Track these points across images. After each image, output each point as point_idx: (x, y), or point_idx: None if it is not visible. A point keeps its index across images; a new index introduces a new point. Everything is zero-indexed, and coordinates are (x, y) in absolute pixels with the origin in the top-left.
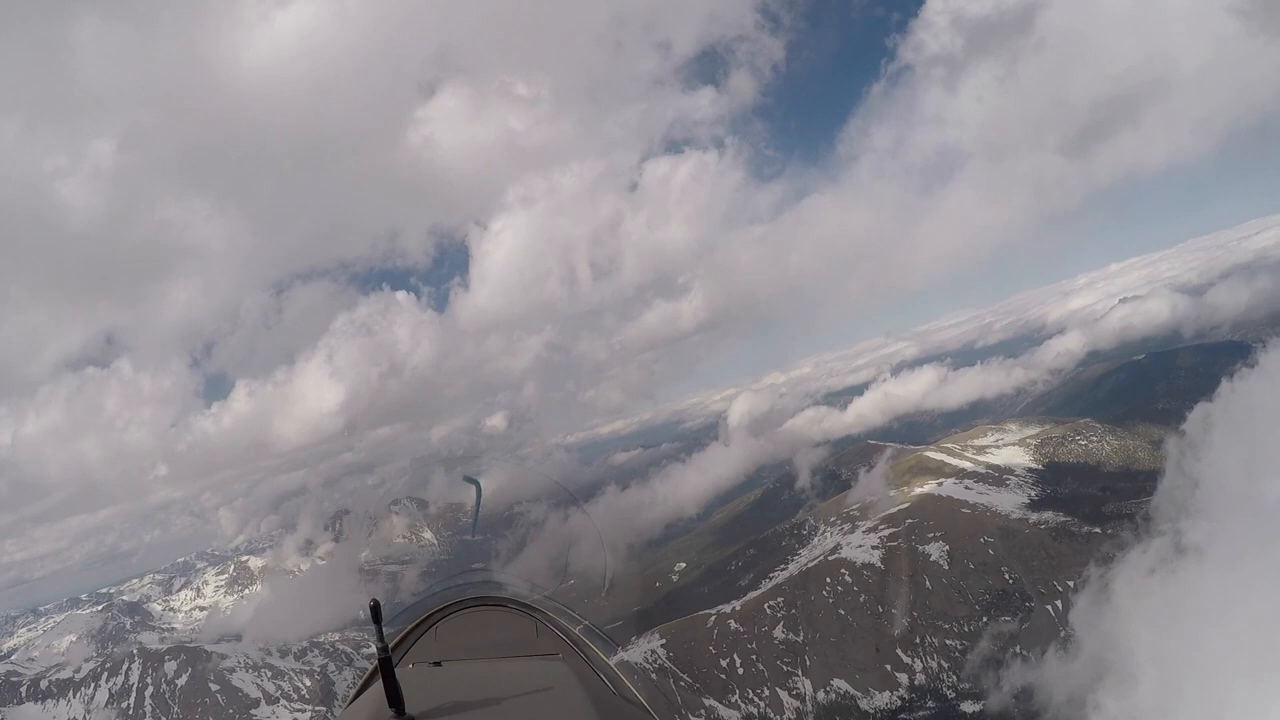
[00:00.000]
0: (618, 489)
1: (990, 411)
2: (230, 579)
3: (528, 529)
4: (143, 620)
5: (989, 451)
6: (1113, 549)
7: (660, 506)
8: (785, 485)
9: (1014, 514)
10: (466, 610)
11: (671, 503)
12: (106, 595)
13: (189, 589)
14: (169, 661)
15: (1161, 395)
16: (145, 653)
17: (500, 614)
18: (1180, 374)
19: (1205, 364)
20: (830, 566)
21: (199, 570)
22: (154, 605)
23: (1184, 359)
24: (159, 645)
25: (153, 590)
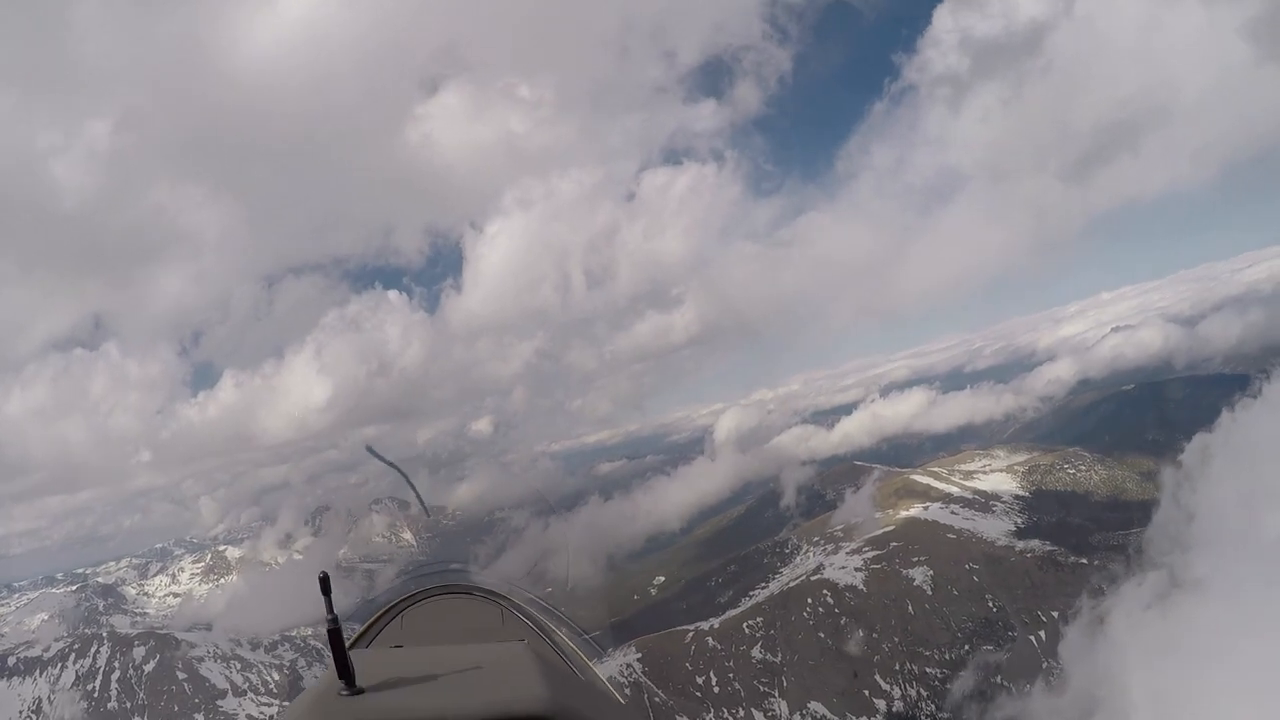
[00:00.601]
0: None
1: (978, 436)
2: (207, 567)
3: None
4: (116, 603)
5: (976, 477)
6: (1102, 580)
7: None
8: (769, 503)
9: (1000, 541)
10: (432, 598)
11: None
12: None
13: (164, 575)
14: (138, 647)
15: (1151, 426)
16: (115, 636)
17: (466, 601)
18: (1171, 405)
19: (1196, 396)
20: (812, 587)
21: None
22: (128, 589)
23: (1174, 390)
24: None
25: (128, 574)
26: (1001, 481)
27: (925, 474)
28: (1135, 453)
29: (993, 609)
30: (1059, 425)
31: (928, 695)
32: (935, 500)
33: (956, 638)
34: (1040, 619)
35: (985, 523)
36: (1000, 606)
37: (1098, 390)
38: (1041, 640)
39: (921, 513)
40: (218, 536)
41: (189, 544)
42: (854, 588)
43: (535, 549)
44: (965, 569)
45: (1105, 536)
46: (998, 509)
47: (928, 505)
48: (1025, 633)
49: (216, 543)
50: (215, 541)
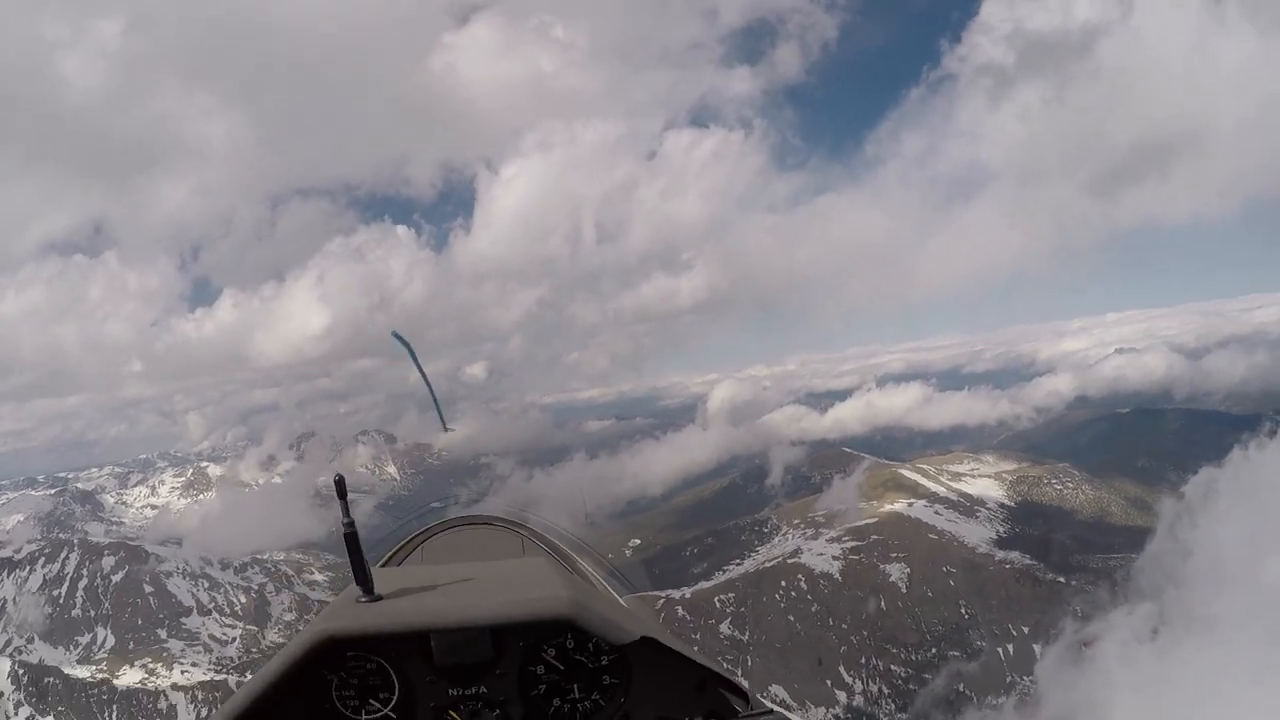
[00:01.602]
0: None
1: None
2: (187, 482)
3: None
4: (93, 510)
5: (964, 479)
6: (1080, 603)
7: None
8: (754, 479)
9: (980, 548)
10: (452, 529)
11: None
12: (62, 480)
13: (144, 486)
14: (107, 556)
15: (1143, 453)
16: (85, 544)
17: (487, 531)
18: (1166, 435)
19: (1191, 429)
20: (787, 570)
21: (159, 469)
22: (107, 497)
23: (1171, 421)
24: (103, 538)
25: (109, 482)
26: (988, 487)
27: (913, 469)
28: (1123, 477)
29: (965, 615)
30: (1050, 438)
31: (889, 693)
32: (921, 497)
33: (925, 639)
34: (1011, 632)
35: (967, 527)
36: (973, 614)
37: (1094, 409)
38: (1009, 654)
39: (905, 508)
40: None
41: (173, 457)
42: (829, 575)
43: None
44: (942, 571)
45: (1085, 558)
46: (981, 515)
47: (912, 502)
48: (994, 644)
49: (200, 458)
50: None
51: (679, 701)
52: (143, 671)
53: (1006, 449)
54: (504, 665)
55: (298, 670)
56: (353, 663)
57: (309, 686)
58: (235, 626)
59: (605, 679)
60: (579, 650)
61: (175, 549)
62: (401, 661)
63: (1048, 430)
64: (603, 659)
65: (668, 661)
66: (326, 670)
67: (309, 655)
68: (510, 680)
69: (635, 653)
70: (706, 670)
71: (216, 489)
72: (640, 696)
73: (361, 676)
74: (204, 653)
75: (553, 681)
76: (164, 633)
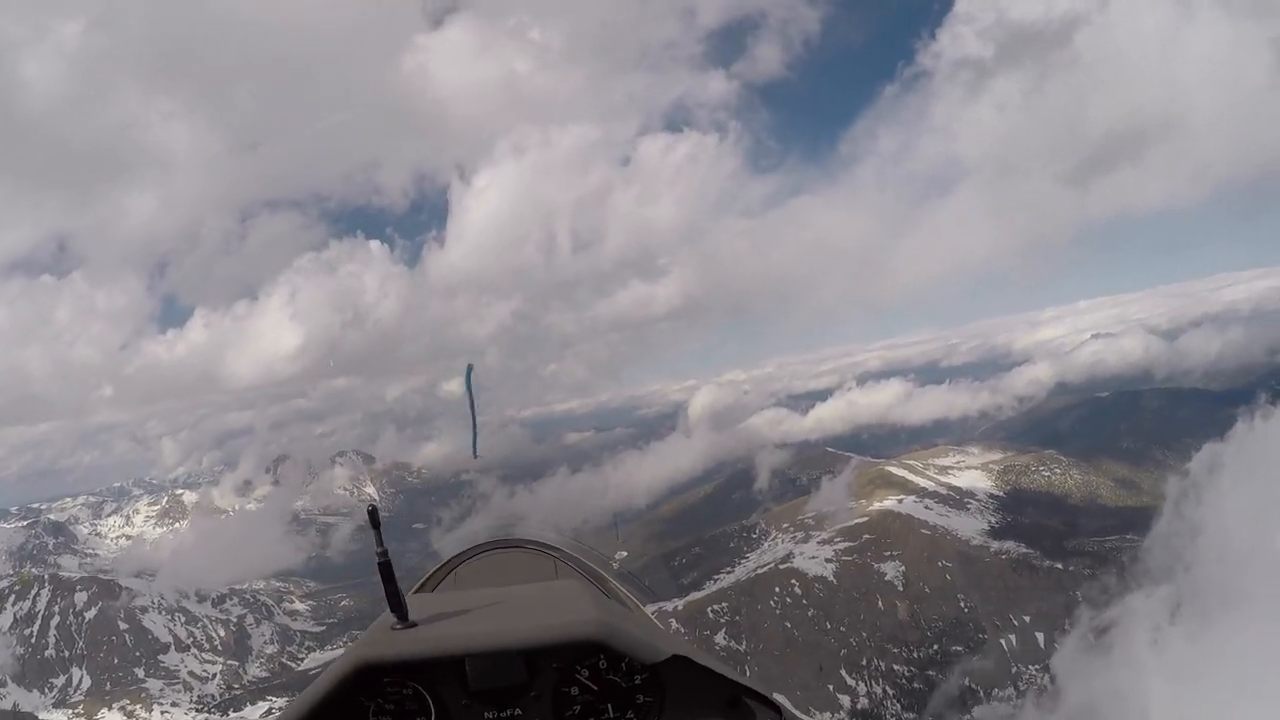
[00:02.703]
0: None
1: (951, 432)
2: (162, 511)
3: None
4: (66, 542)
5: (951, 472)
6: (1093, 590)
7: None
8: (739, 484)
9: (974, 540)
10: (484, 554)
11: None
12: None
13: (119, 515)
14: (80, 592)
15: (1126, 434)
16: (57, 580)
17: (519, 555)
18: (1146, 415)
19: (1171, 408)
20: (780, 575)
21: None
22: (81, 528)
23: (1149, 401)
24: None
25: (82, 513)
26: (976, 479)
27: (900, 466)
28: (1110, 459)
29: (964, 609)
30: (1032, 426)
31: (894, 694)
32: (910, 494)
33: (926, 636)
34: (1013, 623)
35: (959, 520)
36: (972, 607)
37: (1074, 395)
38: (1013, 645)
39: (896, 505)
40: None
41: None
42: (824, 579)
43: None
44: (938, 566)
45: (1081, 542)
46: (972, 506)
47: (902, 499)
48: (996, 636)
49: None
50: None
51: (712, 718)
52: (121, 714)
53: (990, 440)
54: (538, 687)
55: (336, 699)
56: (389, 688)
57: (346, 712)
58: (215, 662)
59: (639, 698)
60: (612, 670)
61: (149, 582)
62: (437, 686)
63: (1029, 419)
64: (636, 678)
65: (701, 679)
66: (364, 697)
67: (346, 683)
68: (545, 702)
69: (668, 671)
70: (740, 686)
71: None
72: (674, 714)
73: (398, 702)
74: (184, 691)
75: (587, 702)
76: (142, 671)
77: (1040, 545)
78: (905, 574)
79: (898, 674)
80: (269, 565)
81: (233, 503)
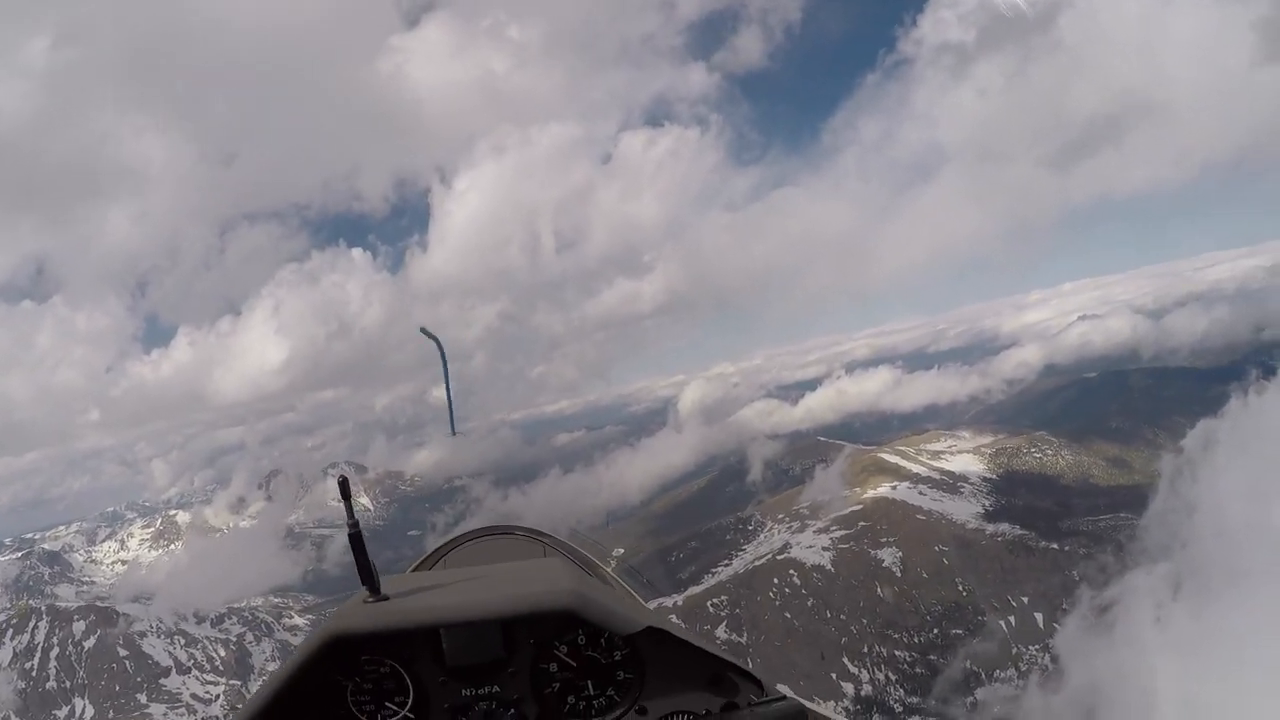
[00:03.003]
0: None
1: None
2: (157, 533)
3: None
4: (62, 571)
5: (943, 457)
6: (1091, 570)
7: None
8: (732, 477)
9: (970, 524)
10: (474, 541)
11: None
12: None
13: (113, 541)
14: (78, 621)
15: (1115, 414)
16: (54, 610)
17: (509, 541)
18: (1134, 395)
19: (1159, 386)
20: (778, 566)
21: (127, 521)
22: (76, 556)
23: (1137, 380)
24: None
25: (76, 540)
26: (968, 463)
27: (892, 452)
28: (1100, 439)
29: (962, 593)
30: (1021, 409)
31: (897, 679)
32: (903, 480)
33: (926, 621)
34: (1011, 604)
35: (953, 504)
36: (970, 590)
37: (1063, 376)
38: (1013, 626)
39: (890, 492)
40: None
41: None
42: (821, 568)
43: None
44: (935, 551)
45: (1075, 522)
46: (965, 490)
47: (896, 485)
48: (995, 618)
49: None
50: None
51: (694, 694)
52: None
53: (980, 423)
54: (516, 663)
55: (307, 673)
56: (366, 667)
57: (324, 692)
58: (217, 683)
59: (619, 674)
60: (591, 646)
61: (147, 606)
62: (414, 663)
63: (1016, 401)
64: (616, 654)
65: (681, 655)
66: (341, 676)
67: (316, 656)
68: (523, 678)
69: (648, 647)
70: (720, 661)
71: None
72: (655, 691)
73: (376, 680)
74: (187, 714)
75: (566, 679)
76: (144, 697)
77: (1035, 526)
78: (902, 560)
79: (899, 659)
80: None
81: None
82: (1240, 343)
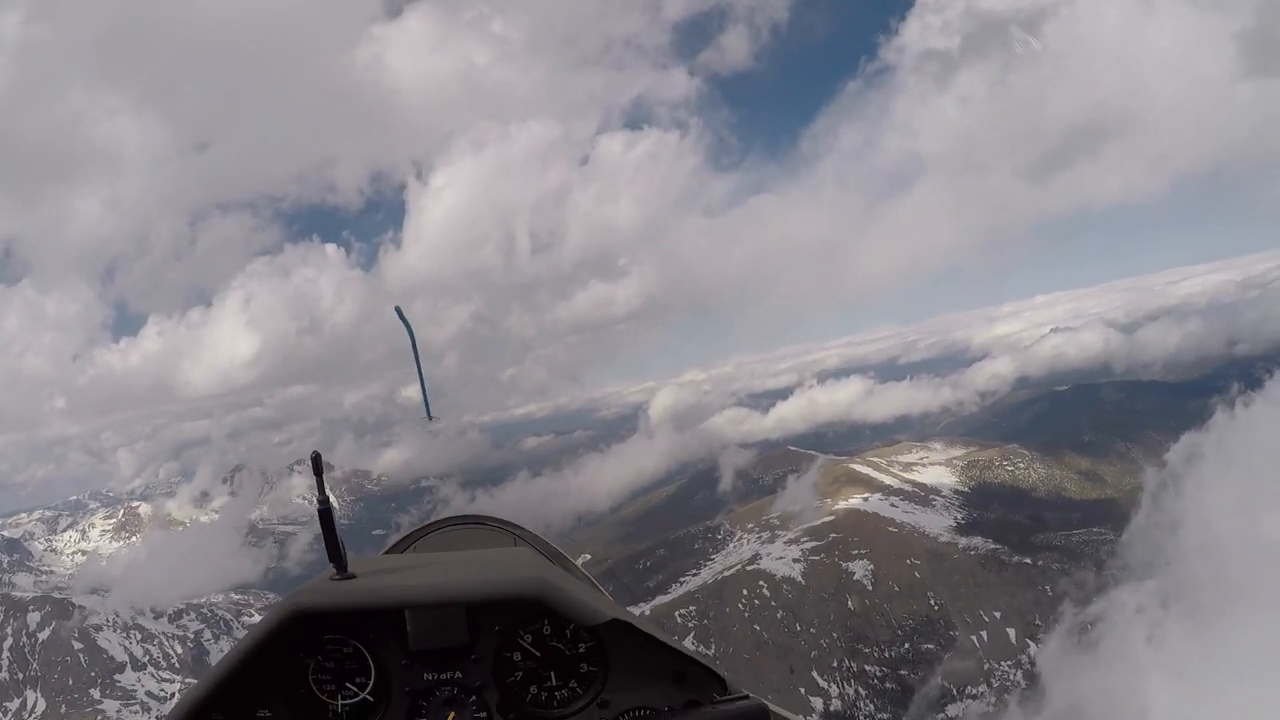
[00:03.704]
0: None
1: (913, 428)
2: (119, 524)
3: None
4: (21, 560)
5: (915, 469)
6: (1071, 586)
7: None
8: (701, 485)
9: (942, 537)
10: (446, 529)
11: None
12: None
13: (74, 530)
14: (33, 612)
15: (1087, 428)
16: (9, 600)
17: (481, 531)
18: (1106, 408)
19: (1130, 400)
20: (748, 577)
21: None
22: (36, 544)
23: (1108, 394)
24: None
25: (37, 528)
26: (940, 475)
27: (864, 463)
28: (1072, 452)
29: (934, 607)
30: (993, 421)
31: (867, 694)
32: (875, 491)
33: (897, 635)
34: (983, 619)
35: (925, 517)
36: (942, 605)
37: (1035, 389)
38: (985, 641)
39: (861, 504)
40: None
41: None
42: (791, 579)
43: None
44: (906, 564)
45: (1049, 536)
46: (937, 503)
47: (868, 496)
48: (967, 633)
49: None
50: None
51: (657, 689)
52: None
53: (952, 435)
54: (479, 650)
55: (268, 646)
56: (329, 646)
57: (286, 669)
58: (173, 680)
59: (582, 666)
60: (556, 637)
61: (104, 599)
62: (377, 645)
63: (987, 414)
64: (580, 646)
65: (645, 649)
66: (303, 653)
67: (279, 630)
68: (485, 666)
69: (612, 641)
70: (684, 657)
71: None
72: (618, 684)
73: (338, 660)
74: (141, 712)
75: (529, 669)
76: (97, 692)
77: (1008, 540)
78: (874, 573)
79: (870, 674)
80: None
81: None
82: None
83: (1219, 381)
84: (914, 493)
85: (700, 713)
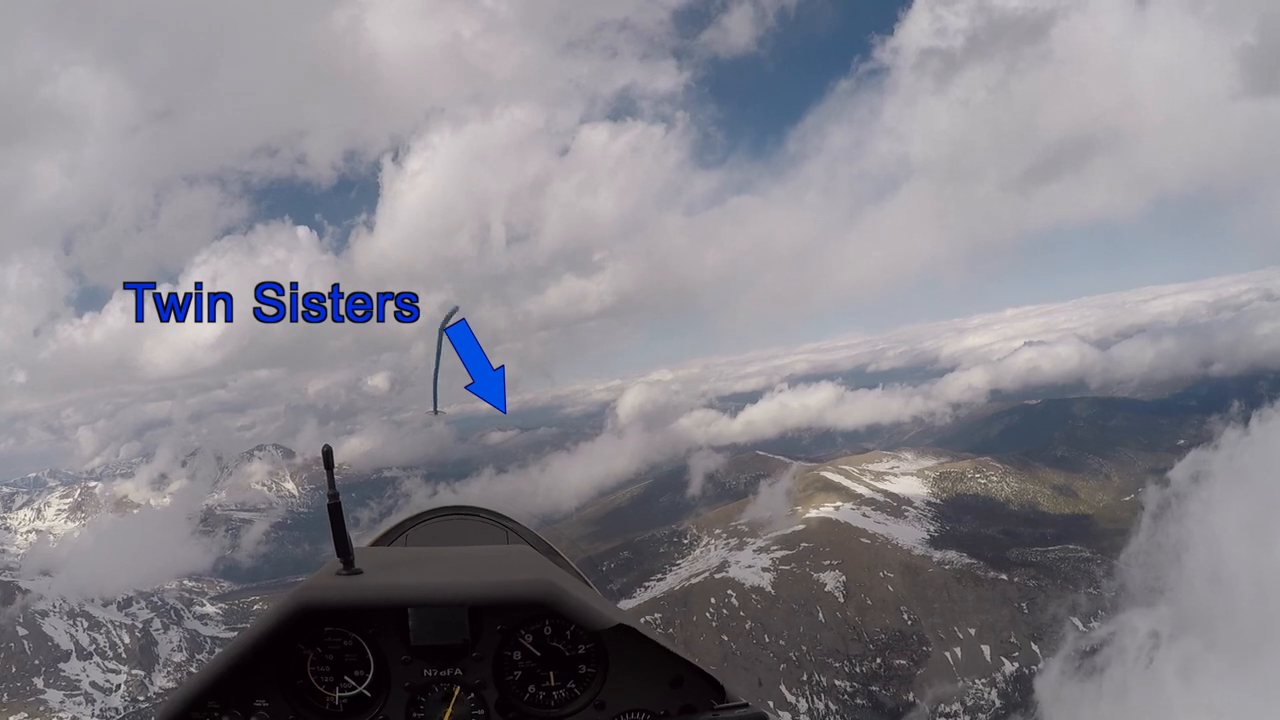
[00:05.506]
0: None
1: (882, 437)
2: (74, 504)
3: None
4: None
5: (886, 479)
6: (1062, 608)
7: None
8: (667, 486)
9: (916, 549)
10: (439, 519)
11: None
12: None
13: (29, 509)
14: None
15: (1060, 442)
16: None
17: (473, 522)
18: (1078, 424)
19: (1103, 416)
20: (716, 585)
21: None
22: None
23: (1081, 409)
24: None
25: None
26: (912, 485)
27: (835, 471)
28: (1045, 466)
29: (907, 621)
30: (961, 433)
31: (837, 710)
32: (847, 500)
33: (869, 649)
34: (957, 635)
35: (898, 528)
36: (915, 619)
37: (1008, 402)
38: (958, 658)
39: (833, 513)
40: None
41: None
42: (761, 589)
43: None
44: (879, 577)
45: (1023, 552)
46: (910, 514)
47: (839, 505)
48: (940, 649)
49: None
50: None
51: (654, 694)
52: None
53: (921, 445)
54: (480, 648)
55: (273, 639)
56: (329, 638)
57: (285, 659)
58: (119, 671)
59: (581, 668)
60: (556, 638)
61: (50, 583)
62: (378, 639)
63: (958, 425)
64: (580, 648)
65: (644, 654)
66: (303, 644)
67: (285, 624)
68: (486, 664)
69: (612, 643)
70: (684, 663)
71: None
72: (616, 687)
73: (337, 653)
74: (85, 704)
75: (528, 668)
76: (40, 681)
77: (983, 555)
78: (846, 584)
79: (840, 689)
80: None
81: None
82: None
83: (1192, 401)
84: (886, 503)
85: (697, 718)
